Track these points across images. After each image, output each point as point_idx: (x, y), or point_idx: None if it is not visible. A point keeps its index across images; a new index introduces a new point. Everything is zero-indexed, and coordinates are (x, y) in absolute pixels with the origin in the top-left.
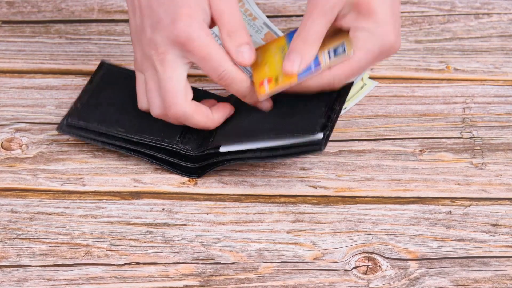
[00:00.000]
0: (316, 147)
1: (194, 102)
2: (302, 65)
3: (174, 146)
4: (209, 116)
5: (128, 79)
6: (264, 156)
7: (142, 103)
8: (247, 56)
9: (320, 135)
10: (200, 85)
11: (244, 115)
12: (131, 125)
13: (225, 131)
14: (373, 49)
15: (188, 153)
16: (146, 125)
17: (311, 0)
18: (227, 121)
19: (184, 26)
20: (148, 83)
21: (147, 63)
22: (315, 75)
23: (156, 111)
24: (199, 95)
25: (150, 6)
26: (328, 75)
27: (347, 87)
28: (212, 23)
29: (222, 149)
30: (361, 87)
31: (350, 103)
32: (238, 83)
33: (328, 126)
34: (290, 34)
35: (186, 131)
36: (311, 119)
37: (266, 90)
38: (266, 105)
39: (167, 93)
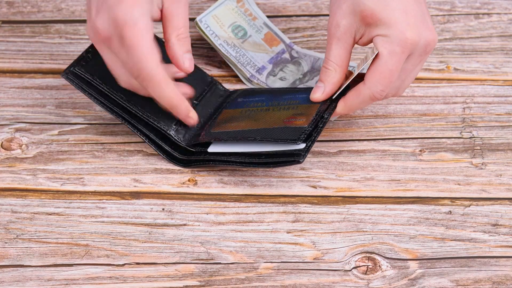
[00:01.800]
0: (295, 158)
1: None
2: (326, 91)
3: (168, 132)
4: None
5: None
6: (248, 162)
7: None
8: (190, 63)
9: (301, 145)
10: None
11: (237, 120)
12: (134, 96)
13: (216, 131)
14: (393, 48)
15: (179, 142)
16: (147, 101)
17: (327, 28)
18: (220, 123)
19: (124, 10)
20: (107, 61)
21: (98, 44)
22: None
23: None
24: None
25: None
26: (364, 88)
27: (341, 95)
28: (159, 19)
29: (211, 149)
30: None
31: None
32: (157, 85)
33: (313, 135)
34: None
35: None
36: (297, 129)
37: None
38: (192, 122)
39: (118, 76)
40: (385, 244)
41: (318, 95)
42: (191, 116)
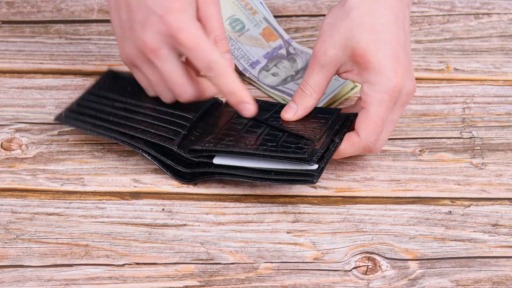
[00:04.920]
0: (308, 179)
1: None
2: (298, 114)
3: (171, 147)
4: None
5: (130, 81)
6: (256, 177)
7: (152, 94)
8: (231, 63)
9: (314, 166)
10: None
11: (243, 136)
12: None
13: (222, 144)
14: (382, 98)
15: (181, 153)
16: (149, 119)
17: (313, 52)
18: (225, 136)
19: (175, 18)
20: (150, 78)
21: (141, 59)
22: None
23: (169, 101)
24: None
25: (138, 0)
26: (358, 140)
27: (350, 120)
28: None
29: (216, 160)
30: (352, 88)
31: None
32: (225, 75)
33: (325, 158)
34: None
35: (192, 128)
36: (308, 147)
37: None
38: (249, 110)
39: (175, 86)
40: (385, 244)
41: (289, 115)
42: (251, 102)
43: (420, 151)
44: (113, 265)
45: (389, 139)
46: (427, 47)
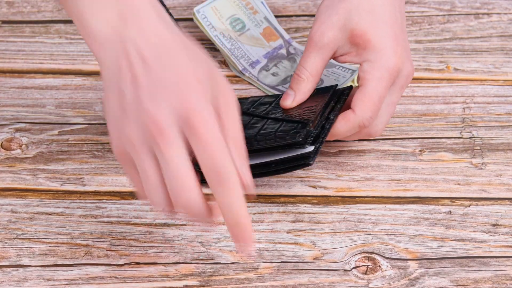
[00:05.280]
0: (305, 161)
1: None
2: (296, 100)
3: None
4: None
5: None
6: (257, 173)
7: (141, 197)
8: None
9: (310, 148)
10: None
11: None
12: None
13: None
14: (381, 75)
15: None
16: None
17: (309, 35)
18: None
19: (193, 95)
20: (147, 174)
21: (141, 144)
22: None
23: (160, 207)
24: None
25: (150, 71)
26: (354, 116)
27: (345, 94)
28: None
29: None
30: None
31: None
32: (233, 194)
33: (320, 137)
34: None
35: None
36: (303, 130)
37: None
38: (246, 251)
39: (179, 185)
40: (385, 244)
41: (288, 102)
42: (250, 242)
43: (420, 151)
44: (113, 265)
45: (389, 139)
46: (427, 47)
